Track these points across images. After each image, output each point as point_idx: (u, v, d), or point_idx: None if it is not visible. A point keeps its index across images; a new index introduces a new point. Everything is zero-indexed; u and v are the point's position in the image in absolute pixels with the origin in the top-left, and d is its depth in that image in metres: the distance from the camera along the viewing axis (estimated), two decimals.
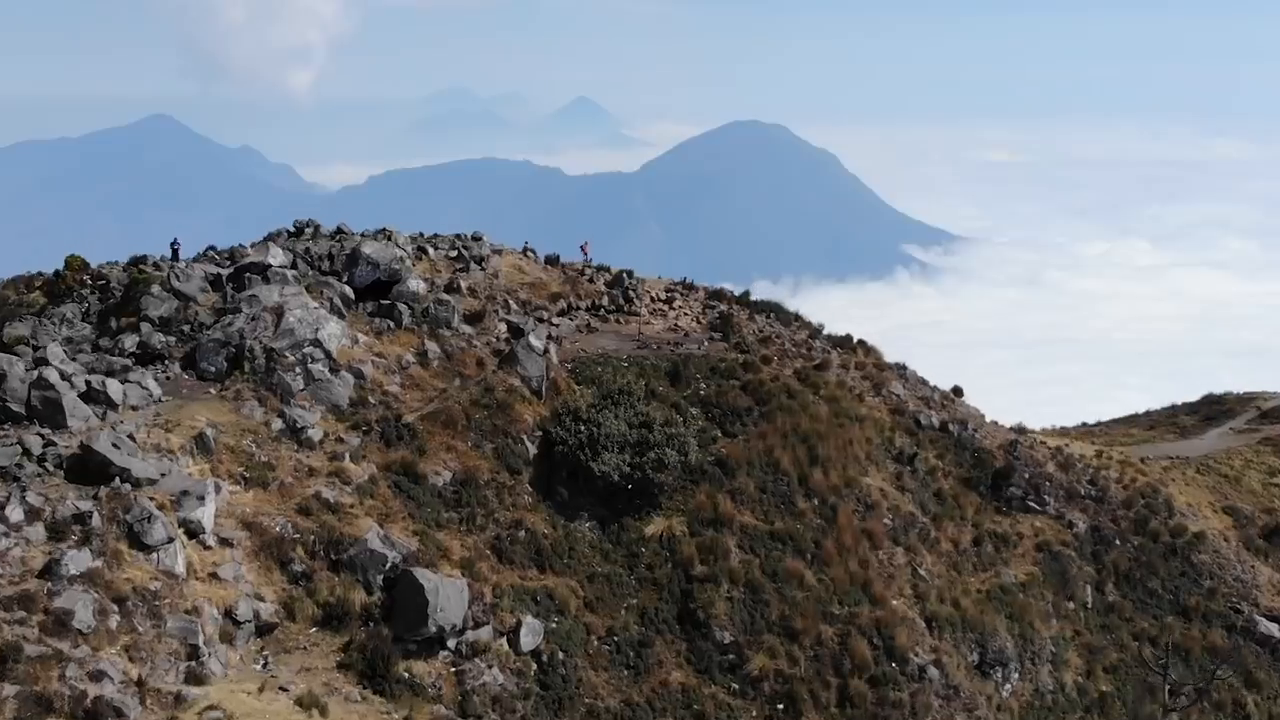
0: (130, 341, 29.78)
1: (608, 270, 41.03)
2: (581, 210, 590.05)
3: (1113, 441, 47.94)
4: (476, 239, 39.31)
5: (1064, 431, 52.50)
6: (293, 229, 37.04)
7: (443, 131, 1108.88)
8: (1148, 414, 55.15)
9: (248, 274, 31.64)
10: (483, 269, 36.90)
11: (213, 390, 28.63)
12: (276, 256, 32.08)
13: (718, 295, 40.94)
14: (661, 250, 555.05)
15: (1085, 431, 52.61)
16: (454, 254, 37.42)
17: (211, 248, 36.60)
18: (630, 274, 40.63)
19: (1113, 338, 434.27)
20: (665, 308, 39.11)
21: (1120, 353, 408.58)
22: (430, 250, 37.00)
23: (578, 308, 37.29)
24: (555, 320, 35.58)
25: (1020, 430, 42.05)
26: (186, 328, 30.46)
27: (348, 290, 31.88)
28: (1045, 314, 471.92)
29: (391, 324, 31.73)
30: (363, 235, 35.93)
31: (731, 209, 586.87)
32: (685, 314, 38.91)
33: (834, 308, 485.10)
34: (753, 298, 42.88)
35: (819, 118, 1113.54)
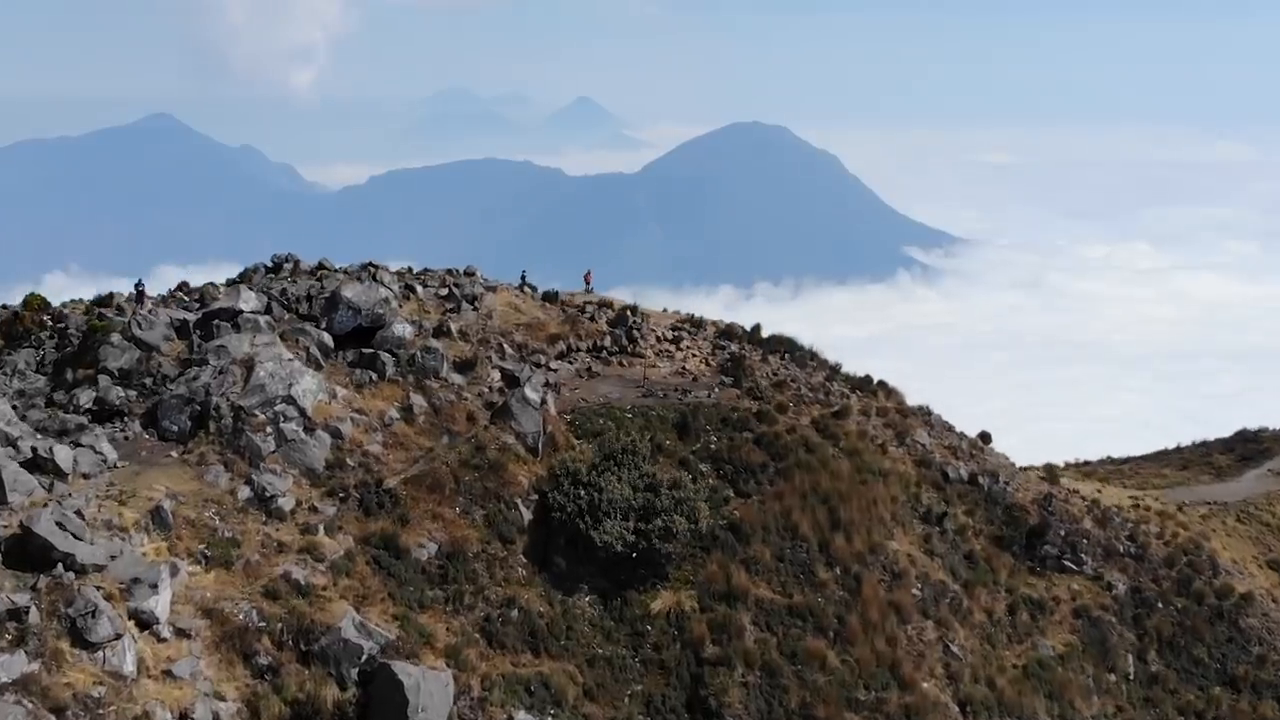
0: (86, 397, 27.07)
1: (610, 307, 38.20)
2: (582, 211, 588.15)
3: (1144, 483, 45.20)
4: (469, 274, 36.63)
5: (1090, 470, 49.82)
6: (270, 264, 34.38)
7: (444, 131, 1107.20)
8: (1179, 451, 52.33)
9: (217, 321, 28.90)
10: (475, 309, 34.17)
11: (174, 454, 25.92)
12: (249, 301, 29.32)
13: (728, 334, 38.14)
14: (662, 251, 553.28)
15: (1114, 468, 49.89)
16: (444, 292, 34.68)
17: (183, 285, 33.83)
18: (634, 310, 37.82)
19: (1113, 340, 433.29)
20: (672, 348, 36.39)
21: (1121, 355, 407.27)
22: (419, 289, 34.31)
23: (578, 349, 34.58)
24: (553, 365, 32.88)
25: (1051, 477, 39.31)
26: (149, 381, 27.74)
27: (326, 338, 29.10)
28: (1046, 316, 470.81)
29: (374, 375, 28.88)
30: (345, 273, 33.26)
31: (732, 210, 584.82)
32: (693, 355, 36.20)
33: (835, 310, 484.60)
34: (765, 333, 39.99)
35: (820, 119, 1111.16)
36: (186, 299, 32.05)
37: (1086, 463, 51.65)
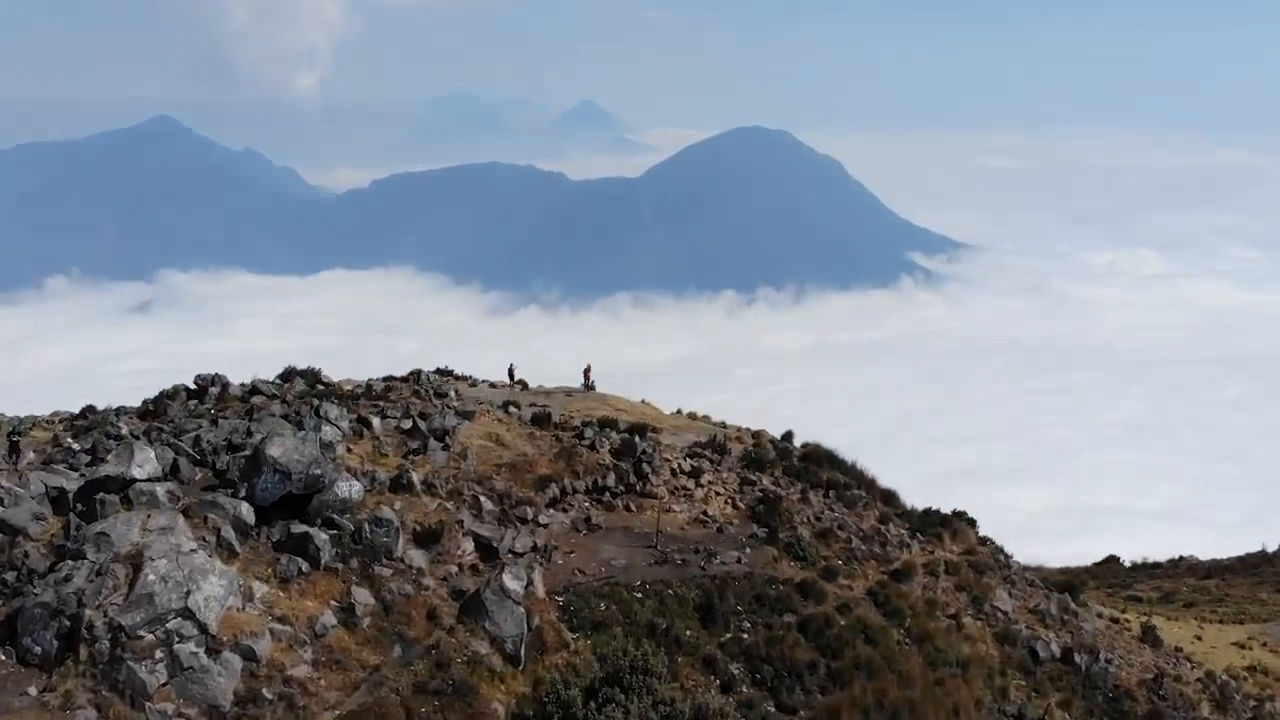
0: None
1: (614, 426, 31.40)
2: (585, 215, 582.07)
3: (1240, 611, 38.28)
4: (441, 393, 29.79)
5: (1165, 576, 43.09)
6: (195, 385, 27.68)
7: (447, 135, 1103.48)
8: (1270, 562, 45.28)
9: (101, 494, 22.09)
10: (446, 446, 27.26)
11: (33, 690, 19.20)
12: (145, 463, 22.38)
13: (756, 460, 31.28)
14: (665, 256, 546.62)
15: (1197, 587, 42.99)
16: (407, 425, 27.69)
17: (81, 416, 26.95)
18: (644, 432, 31.03)
19: (1117, 347, 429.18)
20: (690, 484, 29.61)
21: (1124, 362, 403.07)
22: (375, 421, 27.31)
23: (575, 491, 27.77)
24: (544, 517, 26.06)
25: (1153, 639, 32.40)
26: (11, 576, 20.98)
27: (245, 510, 22.21)
28: (1050, 322, 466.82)
29: (304, 565, 22.01)
30: (284, 401, 26.43)
31: (735, 215, 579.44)
32: (716, 492, 29.47)
33: (838, 315, 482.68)
34: (797, 440, 33.27)
35: (823, 124, 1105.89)
36: (75, 448, 25.04)
37: (1157, 565, 44.94)
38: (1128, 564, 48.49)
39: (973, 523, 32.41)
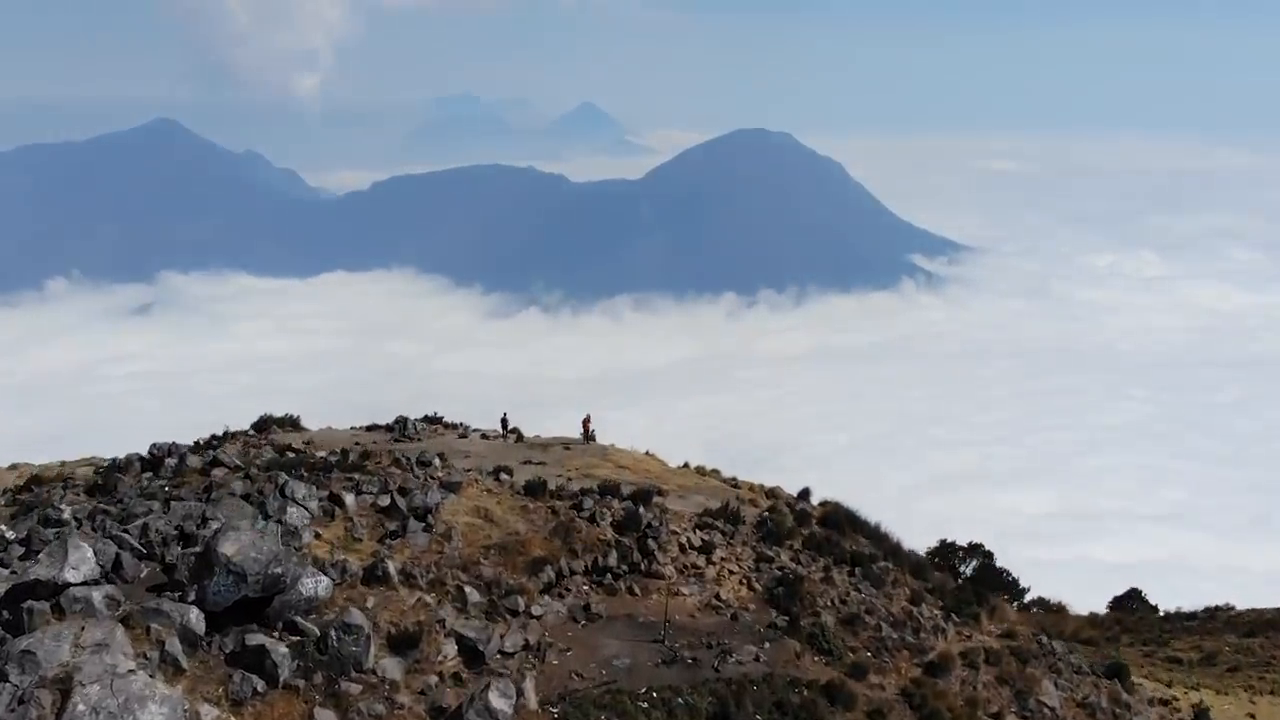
0: None
1: (616, 494, 28.52)
2: (585, 218, 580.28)
3: None
4: (424, 461, 26.91)
5: (1203, 632, 40.32)
6: (150, 455, 24.88)
7: (447, 137, 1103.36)
8: None
9: (29, 602, 19.22)
10: (428, 526, 24.31)
11: None
12: (82, 564, 19.38)
13: (774, 533, 28.36)
14: (666, 258, 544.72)
15: (1235, 647, 40.15)
16: (385, 501, 24.70)
17: (22, 489, 24.11)
18: (648, 499, 28.03)
19: (1118, 349, 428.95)
20: (701, 560, 26.67)
21: (1125, 364, 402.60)
22: (349, 499, 24.29)
23: (572, 573, 24.84)
24: (537, 607, 23.20)
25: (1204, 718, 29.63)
26: None
27: (195, 619, 19.33)
28: (1051, 325, 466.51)
29: (261, 683, 19.15)
30: (248, 476, 23.56)
31: (736, 217, 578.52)
32: (730, 571, 26.52)
33: (839, 317, 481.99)
34: (815, 499, 30.46)
35: (824, 126, 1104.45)
36: (9, 536, 22.02)
37: (1192, 616, 42.16)
38: (1160, 612, 45.78)
39: (1013, 590, 29.64)
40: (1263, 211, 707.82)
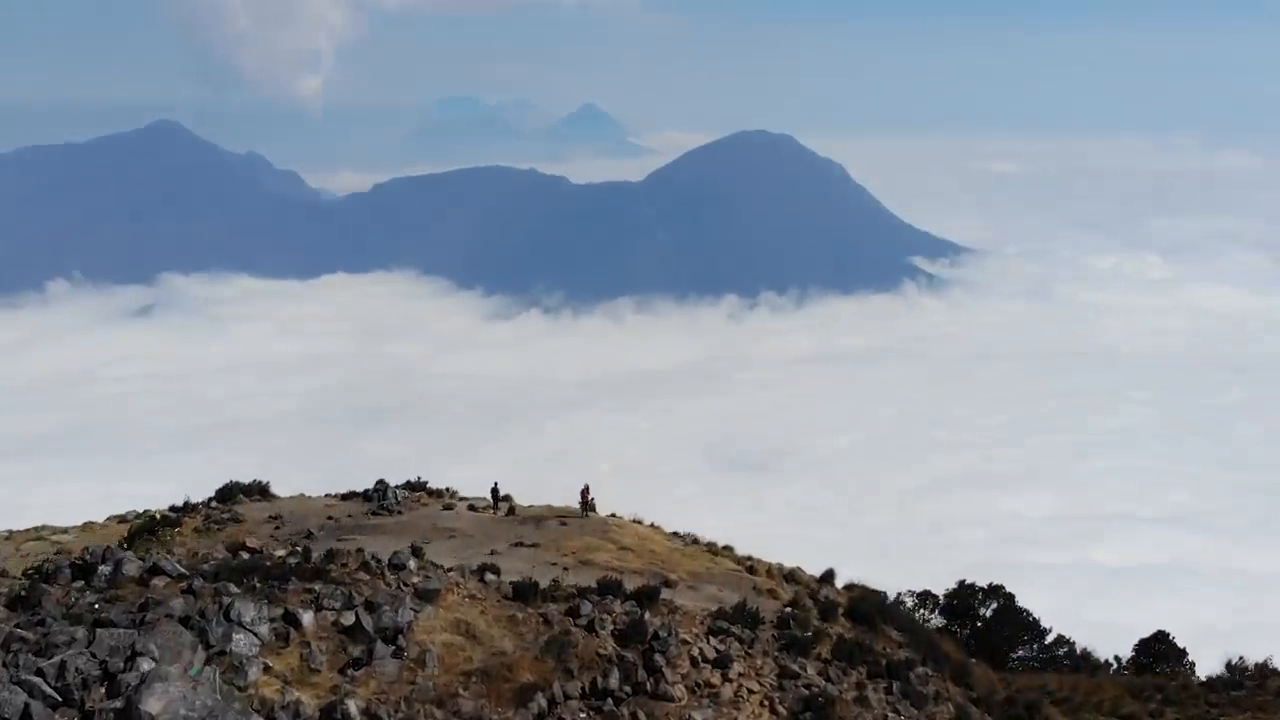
0: None
1: (618, 591, 26.33)
2: (587, 219, 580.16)
3: None
4: (398, 565, 24.51)
5: (1239, 687, 40.24)
6: (83, 560, 23.27)
7: (448, 138, 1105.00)
8: None
9: None
10: (399, 650, 21.61)
11: None
12: None
13: (798, 642, 25.70)
14: (667, 260, 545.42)
15: (1277, 693, 39.87)
16: (349, 620, 21.85)
17: None
18: (655, 598, 25.97)
19: (1120, 351, 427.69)
20: (716, 678, 24.26)
21: (1127, 366, 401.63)
22: (307, 617, 21.46)
23: (567, 698, 22.23)
24: None
25: None
26: None
27: None
28: (1053, 327, 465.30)
29: None
30: (191, 592, 21.42)
31: (737, 218, 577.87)
32: (750, 690, 24.15)
33: (840, 320, 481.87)
34: (839, 586, 28.84)
35: (825, 127, 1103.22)
36: None
37: (1239, 684, 41.22)
38: (1192, 664, 45.00)
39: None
40: (1264, 213, 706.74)
